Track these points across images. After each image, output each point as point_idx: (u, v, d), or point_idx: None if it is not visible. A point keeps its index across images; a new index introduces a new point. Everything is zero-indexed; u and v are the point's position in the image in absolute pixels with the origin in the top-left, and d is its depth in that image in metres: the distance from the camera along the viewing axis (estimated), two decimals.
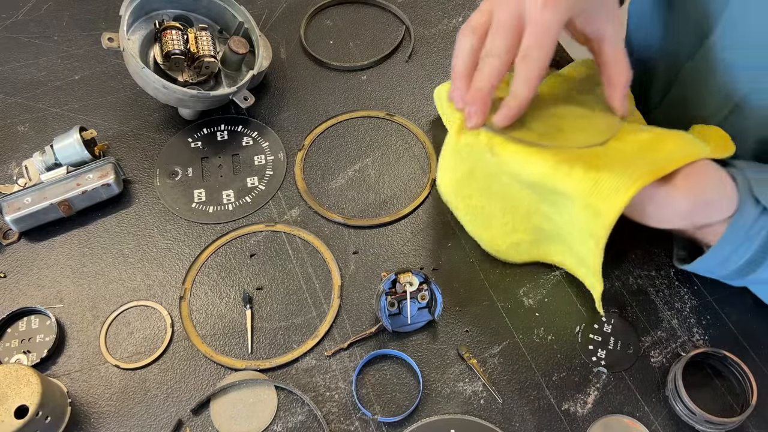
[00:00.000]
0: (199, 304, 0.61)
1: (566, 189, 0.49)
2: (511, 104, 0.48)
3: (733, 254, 0.50)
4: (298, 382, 0.57)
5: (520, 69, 0.47)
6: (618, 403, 0.56)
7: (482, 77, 0.48)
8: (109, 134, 0.72)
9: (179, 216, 0.67)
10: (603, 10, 0.49)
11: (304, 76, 0.78)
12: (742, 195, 0.48)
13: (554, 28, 0.46)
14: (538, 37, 0.46)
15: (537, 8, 0.46)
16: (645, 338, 0.59)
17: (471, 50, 0.50)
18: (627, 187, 0.46)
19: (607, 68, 0.51)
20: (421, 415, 0.55)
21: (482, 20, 0.49)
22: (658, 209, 0.48)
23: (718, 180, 0.49)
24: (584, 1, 0.48)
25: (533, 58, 0.46)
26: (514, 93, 0.48)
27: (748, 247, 0.49)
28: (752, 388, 0.53)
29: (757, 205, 0.48)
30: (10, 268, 0.63)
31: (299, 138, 0.73)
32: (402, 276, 0.58)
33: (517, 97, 0.48)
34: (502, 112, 0.49)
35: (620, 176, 0.46)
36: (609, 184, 0.46)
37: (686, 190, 0.47)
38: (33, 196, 0.63)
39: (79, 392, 0.57)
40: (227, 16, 0.73)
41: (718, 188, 0.48)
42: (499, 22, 0.48)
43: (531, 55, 0.46)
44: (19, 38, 0.81)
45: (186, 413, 0.55)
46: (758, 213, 0.48)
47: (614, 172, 0.47)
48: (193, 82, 0.69)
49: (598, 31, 0.50)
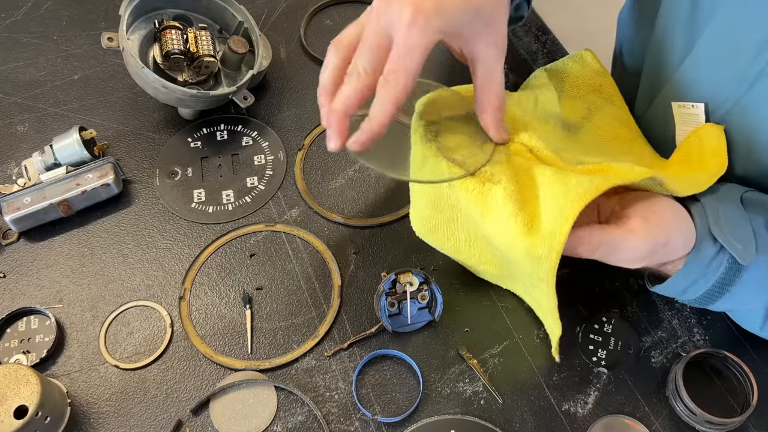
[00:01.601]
0: (199, 304, 0.61)
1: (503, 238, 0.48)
2: (365, 127, 0.46)
3: (689, 287, 0.49)
4: (298, 382, 0.57)
5: (379, 92, 0.45)
6: (618, 404, 0.55)
7: (340, 98, 0.46)
8: (108, 134, 0.72)
9: (179, 216, 0.67)
10: (482, 32, 0.47)
11: (304, 75, 0.78)
12: (700, 232, 0.47)
13: (419, 51, 0.44)
14: (400, 60, 0.44)
15: (402, 29, 0.43)
16: (645, 338, 0.59)
17: (337, 66, 0.47)
18: (561, 224, 0.44)
19: (477, 92, 0.50)
20: (421, 415, 0.55)
21: (352, 36, 0.47)
22: (616, 253, 0.47)
23: (676, 220, 0.48)
24: (458, 23, 0.45)
25: (393, 82, 0.44)
26: (371, 116, 0.45)
27: (704, 283, 0.48)
28: (753, 389, 0.53)
29: (715, 243, 0.47)
30: (10, 268, 0.63)
31: (299, 138, 0.73)
32: (402, 276, 0.58)
33: (372, 120, 0.45)
34: (356, 135, 0.46)
35: (552, 217, 0.45)
36: (544, 227, 0.45)
37: (645, 234, 0.46)
38: (32, 196, 0.63)
39: (78, 392, 0.56)
40: (227, 15, 0.73)
41: (677, 229, 0.47)
42: (365, 40, 0.46)
43: (391, 79, 0.44)
44: (19, 38, 0.81)
45: (186, 413, 0.55)
46: (716, 251, 0.47)
47: (546, 210, 0.46)
48: (192, 81, 0.69)
49: (473, 53, 0.48)
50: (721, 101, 0.54)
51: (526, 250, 0.46)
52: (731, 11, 0.52)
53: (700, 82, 0.56)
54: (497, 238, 0.49)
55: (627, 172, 0.47)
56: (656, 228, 0.46)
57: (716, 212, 0.48)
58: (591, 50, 0.66)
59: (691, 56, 0.57)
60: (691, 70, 0.57)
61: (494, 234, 0.49)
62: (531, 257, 0.47)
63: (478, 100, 0.50)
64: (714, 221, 0.47)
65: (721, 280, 0.48)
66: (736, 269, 0.47)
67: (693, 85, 0.57)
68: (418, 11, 0.43)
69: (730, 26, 0.52)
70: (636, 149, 0.62)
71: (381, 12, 0.44)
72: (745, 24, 0.51)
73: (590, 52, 0.66)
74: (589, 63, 0.65)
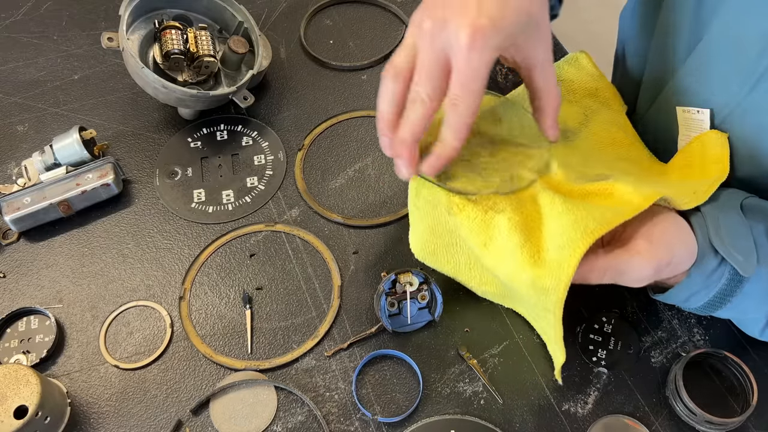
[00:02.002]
0: (199, 305, 0.61)
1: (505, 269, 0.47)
2: (437, 152, 0.46)
3: (691, 297, 0.49)
4: (298, 382, 0.57)
5: (449, 117, 0.44)
6: (618, 403, 0.55)
7: (407, 126, 0.45)
8: (108, 134, 0.72)
9: (179, 216, 0.67)
10: (534, 37, 0.46)
11: (304, 75, 0.78)
12: (702, 245, 0.47)
13: (483, 71, 0.43)
14: (465, 84, 0.43)
15: (462, 51, 0.42)
16: (645, 338, 0.59)
17: (395, 94, 0.46)
18: (569, 255, 0.44)
19: (538, 94, 0.49)
20: (421, 415, 0.55)
21: (406, 60, 0.46)
22: (623, 276, 0.47)
23: (679, 236, 0.48)
24: (513, 34, 0.44)
25: (463, 106, 0.43)
26: (443, 141, 0.45)
27: (705, 294, 0.49)
28: (753, 389, 0.53)
29: (716, 254, 0.47)
30: (10, 268, 0.63)
31: (299, 138, 0.73)
32: (402, 276, 0.58)
33: (445, 145, 0.45)
34: (429, 160, 0.46)
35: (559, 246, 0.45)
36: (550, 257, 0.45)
37: (650, 255, 0.46)
38: (32, 196, 0.63)
39: (78, 392, 0.56)
40: (227, 15, 0.73)
41: (681, 245, 0.47)
42: (423, 65, 0.44)
43: (459, 103, 0.44)
44: (19, 38, 0.81)
45: (186, 413, 0.55)
46: (717, 263, 0.47)
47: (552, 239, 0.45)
48: (192, 81, 0.69)
49: (528, 59, 0.47)
50: (723, 103, 0.54)
51: (531, 281, 0.46)
52: (734, 12, 0.52)
53: (702, 83, 0.56)
54: (499, 269, 0.48)
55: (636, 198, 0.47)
56: (661, 247, 0.46)
57: (717, 222, 0.48)
58: (586, 52, 0.65)
59: (692, 57, 0.57)
60: (693, 71, 0.57)
61: (496, 264, 0.48)
62: (536, 288, 0.46)
63: (539, 103, 0.50)
64: (714, 232, 0.47)
65: (723, 291, 0.48)
66: (737, 281, 0.47)
67: (695, 87, 0.57)
68: (476, 31, 0.42)
69: (732, 28, 0.52)
70: (633, 153, 0.62)
71: (435, 34, 0.43)
72: (748, 25, 0.51)
73: (585, 55, 0.65)
74: (585, 66, 0.65)
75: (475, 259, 0.55)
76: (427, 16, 0.44)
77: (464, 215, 0.49)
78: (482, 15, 0.42)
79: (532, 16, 0.45)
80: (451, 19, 0.43)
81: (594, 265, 0.46)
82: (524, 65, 0.48)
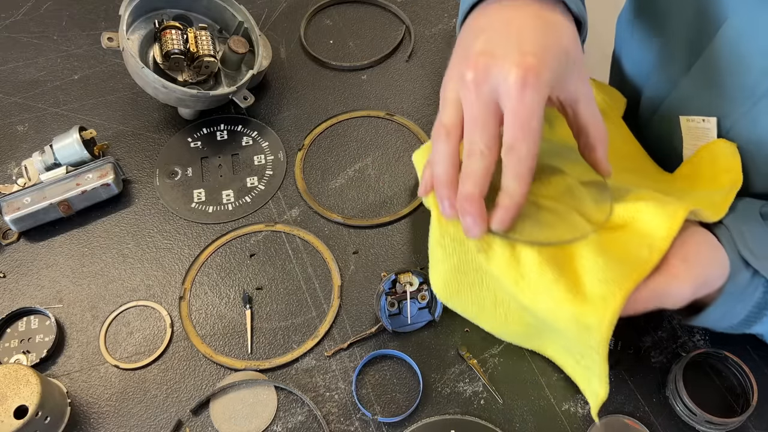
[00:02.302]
0: (199, 304, 0.61)
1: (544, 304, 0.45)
2: (506, 204, 0.43)
3: (727, 314, 0.48)
4: (298, 382, 0.57)
5: (509, 164, 0.42)
6: (618, 403, 0.55)
7: (469, 182, 0.43)
8: (108, 134, 0.72)
9: (179, 216, 0.67)
10: (574, 72, 0.45)
11: (304, 75, 0.78)
12: (732, 259, 0.47)
13: (538, 110, 0.41)
14: (523, 126, 0.41)
15: (515, 92, 0.40)
16: (645, 338, 0.59)
17: (450, 154, 0.44)
18: (614, 293, 0.43)
19: (585, 130, 0.47)
20: (421, 415, 0.55)
21: (454, 115, 0.44)
22: (664, 301, 0.45)
23: (711, 252, 0.47)
24: (559, 70, 0.43)
25: (524, 150, 0.41)
26: (508, 191, 0.43)
27: (742, 308, 0.48)
28: (753, 389, 0.53)
29: (747, 267, 0.47)
30: (10, 268, 0.63)
31: (299, 138, 0.73)
32: (402, 276, 0.58)
33: (512, 195, 0.43)
34: (499, 215, 0.43)
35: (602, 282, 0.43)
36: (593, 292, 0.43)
37: (688, 277, 0.45)
38: (32, 196, 0.63)
39: (78, 392, 0.56)
40: (227, 15, 0.73)
41: (714, 262, 0.46)
42: (474, 116, 0.42)
43: (519, 147, 0.41)
44: (19, 38, 0.81)
45: (186, 413, 0.55)
46: (750, 275, 0.47)
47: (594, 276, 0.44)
48: (192, 81, 0.69)
49: (572, 95, 0.46)
50: (728, 112, 0.54)
51: (574, 317, 0.44)
52: (736, 29, 0.51)
53: (706, 95, 0.56)
54: (537, 305, 0.46)
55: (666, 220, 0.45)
56: (696, 267, 0.45)
57: (742, 235, 0.47)
58: None
59: (695, 70, 0.56)
60: (695, 84, 0.57)
61: (532, 301, 0.46)
62: (579, 324, 0.44)
63: (587, 139, 0.48)
64: (743, 245, 0.47)
65: (759, 303, 0.47)
66: None
67: (698, 98, 0.57)
68: (527, 70, 0.40)
69: (735, 44, 0.52)
70: (638, 164, 0.61)
71: (480, 82, 0.42)
72: (751, 43, 0.50)
73: None
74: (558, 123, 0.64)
75: (501, 298, 0.53)
76: (466, 67, 0.42)
77: (492, 252, 0.47)
78: (527, 54, 0.41)
79: (569, 53, 0.44)
80: (494, 64, 0.41)
81: (638, 296, 0.44)
82: (568, 102, 0.46)
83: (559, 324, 0.46)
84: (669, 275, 0.45)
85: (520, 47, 0.41)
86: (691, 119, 0.57)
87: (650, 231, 0.45)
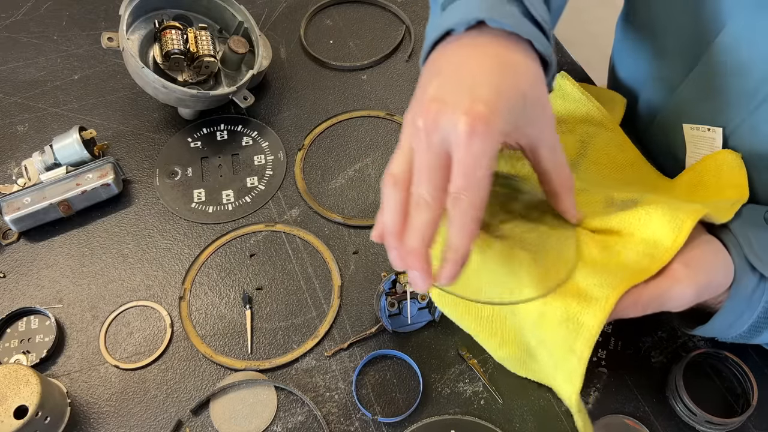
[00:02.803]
0: (199, 305, 0.61)
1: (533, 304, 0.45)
2: (450, 258, 0.41)
3: (735, 322, 0.48)
4: (298, 382, 0.57)
5: (453, 215, 0.40)
6: (618, 403, 0.55)
7: (414, 234, 0.41)
8: (108, 134, 0.72)
9: (179, 216, 0.67)
10: (534, 118, 0.43)
11: (304, 75, 0.78)
12: (738, 263, 0.46)
13: (486, 160, 0.39)
14: (467, 176, 0.39)
15: (462, 141, 0.39)
16: (646, 338, 0.59)
17: (398, 203, 0.42)
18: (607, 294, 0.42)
19: (548, 176, 0.46)
20: (421, 415, 0.55)
21: (404, 164, 0.42)
22: (665, 305, 0.45)
23: (716, 256, 0.47)
24: (515, 117, 0.41)
25: (468, 200, 0.39)
26: (451, 246, 0.41)
27: (749, 315, 0.47)
28: (753, 389, 0.53)
29: (754, 272, 0.46)
30: (10, 268, 0.63)
31: (299, 138, 0.73)
32: (402, 276, 0.58)
33: (456, 250, 0.40)
34: (445, 270, 0.41)
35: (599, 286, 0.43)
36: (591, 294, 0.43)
37: (690, 281, 0.44)
38: (32, 196, 0.63)
39: (78, 392, 0.56)
40: (227, 15, 0.73)
41: (718, 266, 0.46)
42: (422, 164, 0.41)
43: (464, 197, 0.39)
44: (19, 38, 0.81)
45: (186, 413, 0.55)
46: (756, 280, 0.46)
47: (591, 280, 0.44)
48: (192, 81, 0.69)
49: (532, 140, 0.44)
50: (727, 119, 0.54)
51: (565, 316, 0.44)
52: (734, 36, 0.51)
53: (705, 101, 0.56)
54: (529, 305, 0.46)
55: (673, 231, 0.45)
56: (699, 271, 0.45)
57: (748, 239, 0.47)
58: (566, 75, 0.64)
59: (693, 76, 0.56)
60: (694, 90, 0.57)
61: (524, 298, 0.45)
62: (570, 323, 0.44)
63: (550, 186, 0.46)
64: (749, 249, 0.46)
65: (766, 309, 0.47)
66: None
67: (697, 104, 0.56)
68: (475, 119, 0.38)
69: (733, 51, 0.52)
70: (638, 174, 0.61)
71: (431, 130, 0.40)
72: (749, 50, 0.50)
73: (566, 79, 0.63)
74: (570, 93, 0.63)
75: (497, 313, 0.53)
76: (418, 114, 0.41)
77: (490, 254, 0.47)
78: (477, 102, 0.39)
79: (527, 96, 0.42)
80: (444, 111, 0.40)
81: (638, 299, 0.44)
82: (529, 149, 0.45)
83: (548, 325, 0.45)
84: (671, 279, 0.45)
85: (472, 93, 0.40)
86: (695, 128, 0.57)
87: (655, 239, 0.45)
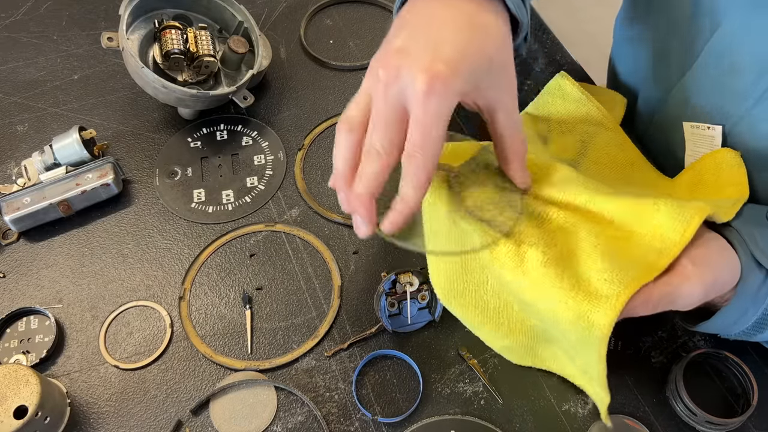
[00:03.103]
0: (199, 305, 0.61)
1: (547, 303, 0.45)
2: (399, 208, 0.42)
3: (740, 319, 0.48)
4: (298, 382, 0.57)
5: (408, 169, 0.41)
6: (618, 403, 0.55)
7: (362, 181, 0.41)
8: (108, 134, 0.72)
9: (179, 216, 0.67)
10: (497, 81, 0.43)
11: (304, 75, 0.78)
12: (744, 260, 0.46)
13: (442, 119, 0.40)
14: (423, 134, 0.40)
15: (419, 99, 0.39)
16: (646, 338, 0.59)
17: (350, 148, 0.43)
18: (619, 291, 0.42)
19: (501, 140, 0.46)
20: (422, 415, 0.55)
21: (361, 111, 0.43)
22: (674, 303, 0.45)
23: (722, 254, 0.47)
24: (474, 78, 0.41)
25: (421, 157, 0.40)
26: (403, 197, 0.41)
27: (754, 312, 0.47)
28: (753, 389, 0.53)
29: (760, 268, 0.46)
30: (10, 268, 0.63)
31: (299, 138, 0.73)
32: (402, 276, 0.58)
33: (406, 201, 0.41)
34: (390, 217, 0.42)
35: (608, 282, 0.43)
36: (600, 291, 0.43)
37: (698, 279, 0.44)
38: (32, 196, 0.63)
39: (78, 392, 0.56)
40: (227, 15, 0.73)
41: (725, 264, 0.46)
42: (378, 115, 0.41)
43: (417, 154, 0.40)
44: (19, 38, 0.81)
45: (185, 414, 0.55)
46: (763, 277, 0.46)
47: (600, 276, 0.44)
48: (192, 81, 0.69)
49: (490, 104, 0.45)
50: (724, 117, 0.54)
51: (577, 314, 0.44)
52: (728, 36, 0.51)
53: (701, 98, 0.56)
54: (540, 302, 0.46)
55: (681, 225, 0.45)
56: (707, 269, 0.45)
57: (753, 237, 0.47)
58: (566, 74, 0.64)
59: (690, 75, 0.56)
60: (691, 86, 0.57)
61: (536, 298, 0.46)
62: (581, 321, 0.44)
63: (502, 150, 0.47)
64: (755, 246, 0.46)
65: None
66: None
67: (694, 102, 0.56)
68: (434, 77, 0.39)
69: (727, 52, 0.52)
70: (639, 173, 0.61)
71: (390, 83, 0.40)
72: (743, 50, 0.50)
73: (567, 79, 0.63)
74: (570, 93, 0.63)
75: (506, 303, 0.53)
76: (381, 65, 0.41)
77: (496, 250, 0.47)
78: (438, 60, 0.39)
79: (493, 60, 0.42)
80: (405, 66, 0.40)
81: (649, 297, 0.44)
82: (486, 110, 0.45)
83: (561, 325, 0.45)
84: (680, 277, 0.45)
85: (436, 50, 0.40)
86: (695, 126, 0.57)
87: (663, 234, 0.45)
